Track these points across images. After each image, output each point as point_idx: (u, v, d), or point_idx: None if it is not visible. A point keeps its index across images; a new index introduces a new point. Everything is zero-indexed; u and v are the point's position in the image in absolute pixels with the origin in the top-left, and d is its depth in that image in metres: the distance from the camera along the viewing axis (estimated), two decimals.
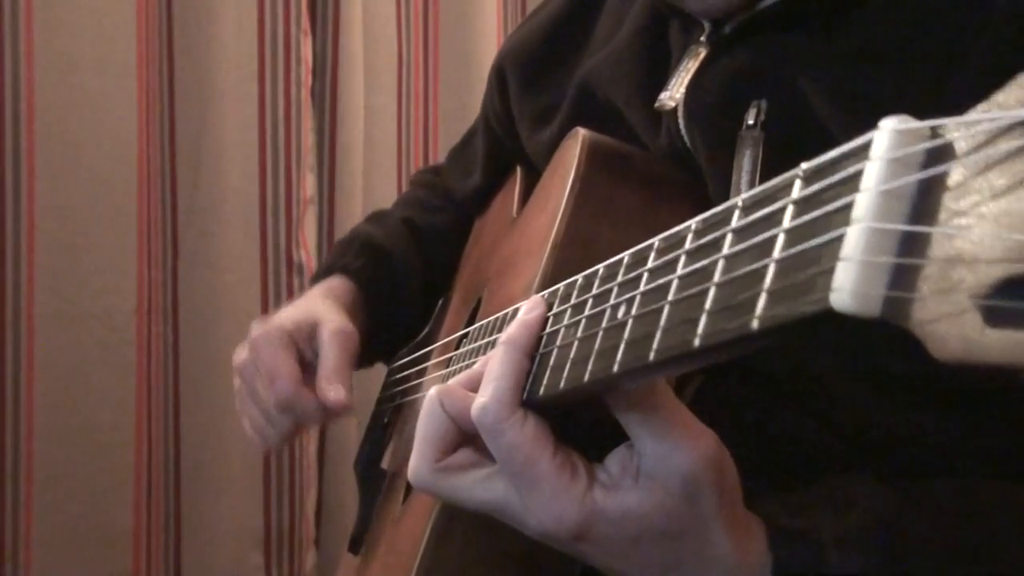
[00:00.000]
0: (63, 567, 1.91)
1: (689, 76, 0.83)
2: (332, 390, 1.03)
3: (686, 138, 0.84)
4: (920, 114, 0.69)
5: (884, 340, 0.33)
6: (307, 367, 1.07)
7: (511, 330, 0.65)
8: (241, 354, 1.09)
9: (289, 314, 1.10)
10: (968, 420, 0.71)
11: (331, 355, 1.05)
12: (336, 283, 1.19)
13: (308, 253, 2.10)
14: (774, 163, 0.76)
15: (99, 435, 1.94)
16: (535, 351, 0.64)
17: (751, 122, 0.78)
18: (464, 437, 0.67)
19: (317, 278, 1.21)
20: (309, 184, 2.12)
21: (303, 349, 1.07)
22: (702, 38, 0.84)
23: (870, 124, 0.72)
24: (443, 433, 0.66)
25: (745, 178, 0.78)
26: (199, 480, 2.03)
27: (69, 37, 1.90)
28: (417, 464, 0.67)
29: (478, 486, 0.65)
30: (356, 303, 1.18)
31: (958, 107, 0.68)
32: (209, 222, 2.03)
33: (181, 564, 2.04)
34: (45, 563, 1.90)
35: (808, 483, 0.70)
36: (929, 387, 0.70)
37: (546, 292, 0.68)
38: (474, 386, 0.66)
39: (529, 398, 0.62)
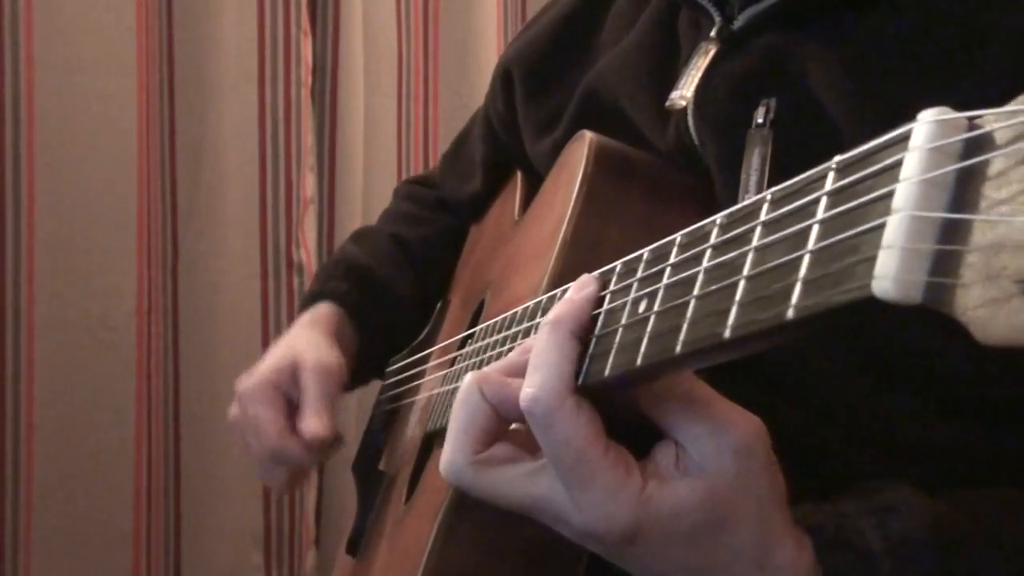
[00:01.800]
0: (63, 567, 1.91)
1: (699, 74, 0.83)
2: (307, 427, 1.03)
3: (695, 137, 0.84)
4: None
5: (920, 332, 0.33)
6: (295, 411, 1.07)
7: (559, 310, 0.60)
8: (233, 411, 1.10)
9: (271, 361, 1.10)
10: (989, 429, 0.70)
11: (310, 394, 1.06)
12: (322, 311, 1.19)
13: (308, 253, 2.10)
14: (783, 162, 0.76)
15: (99, 435, 1.93)
16: (585, 334, 0.59)
17: (760, 120, 0.78)
18: (502, 428, 0.62)
19: (304, 305, 1.22)
20: (309, 184, 2.12)
21: (288, 392, 1.07)
22: (712, 34, 0.84)
23: (880, 122, 0.71)
24: (483, 423, 0.61)
25: (754, 177, 0.78)
26: (199, 480, 2.03)
27: (69, 38, 1.90)
28: (453, 457, 0.62)
29: (521, 482, 0.61)
30: (343, 327, 1.18)
31: (967, 106, 0.68)
32: (209, 222, 2.03)
33: (181, 564, 2.04)
34: (45, 563, 1.90)
35: (824, 488, 0.67)
36: (947, 394, 0.69)
37: (596, 273, 0.64)
38: (513, 372, 0.62)
39: (582, 385, 0.58)
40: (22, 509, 1.88)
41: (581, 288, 0.61)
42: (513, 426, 0.63)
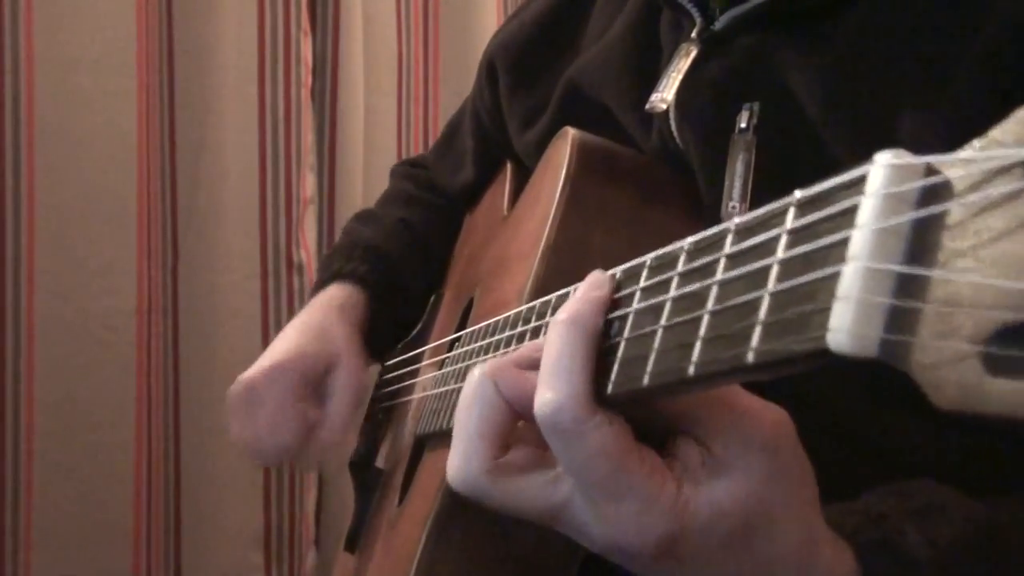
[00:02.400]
0: (63, 567, 1.91)
1: (680, 76, 0.82)
2: (328, 456, 1.02)
3: (678, 139, 0.84)
4: (911, 119, 0.69)
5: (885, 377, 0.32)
6: (314, 401, 1.06)
7: (575, 308, 0.53)
8: (253, 375, 1.05)
9: (304, 345, 1.06)
10: (989, 442, 0.69)
11: (339, 412, 1.04)
12: (347, 293, 1.16)
13: (308, 253, 2.10)
14: (767, 167, 0.76)
15: (99, 435, 1.94)
16: (601, 336, 0.53)
17: (743, 125, 0.77)
18: (515, 427, 0.56)
19: (323, 282, 1.19)
20: (309, 184, 2.12)
21: (315, 383, 1.05)
22: (692, 35, 0.83)
23: (859, 130, 0.71)
24: (500, 423, 0.55)
25: (738, 183, 0.77)
26: (199, 480, 2.03)
27: (69, 37, 1.89)
28: (466, 465, 0.55)
29: (544, 491, 0.54)
30: (364, 311, 1.17)
31: (950, 112, 0.68)
32: (209, 222, 2.02)
33: (181, 564, 2.04)
34: (45, 563, 1.90)
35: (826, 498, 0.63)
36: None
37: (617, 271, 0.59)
38: (524, 366, 0.55)
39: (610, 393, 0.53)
40: (22, 509, 1.88)
41: (597, 287, 0.55)
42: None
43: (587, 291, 0.54)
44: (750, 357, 0.38)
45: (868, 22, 0.74)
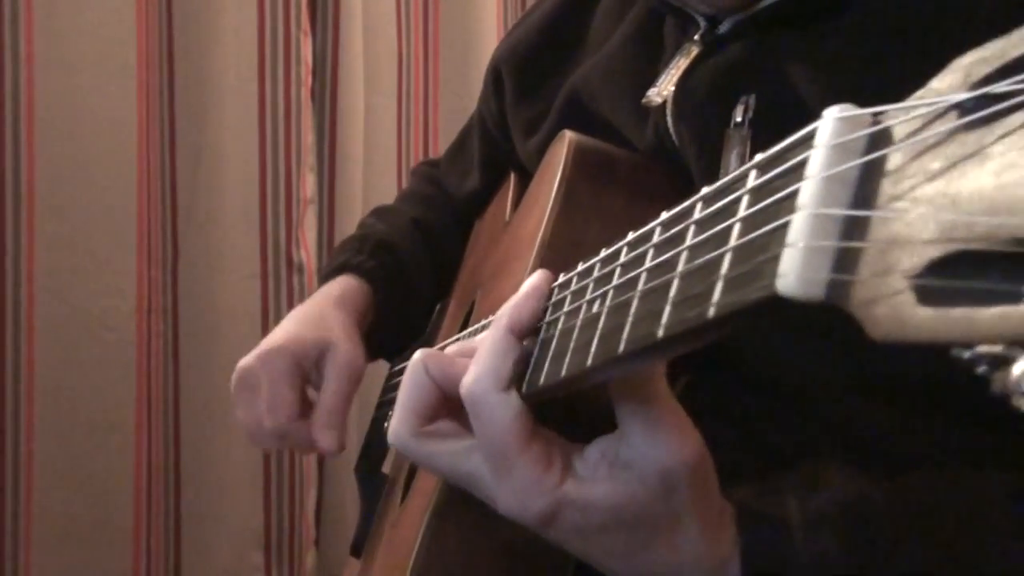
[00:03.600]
0: (63, 567, 1.92)
1: (679, 73, 0.83)
2: (324, 438, 1.02)
3: (674, 136, 0.84)
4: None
5: (831, 327, 0.33)
6: (310, 388, 1.06)
7: (504, 307, 0.63)
8: (248, 360, 1.06)
9: (297, 329, 1.08)
10: (954, 424, 0.70)
11: (333, 393, 1.04)
12: (349, 284, 1.16)
13: (308, 253, 2.10)
14: None
15: (99, 435, 1.94)
16: (526, 333, 0.62)
17: (739, 119, 0.78)
18: (448, 406, 0.66)
19: (329, 274, 1.19)
20: (309, 184, 2.12)
21: (308, 372, 1.05)
22: (696, 36, 0.84)
23: None
24: (425, 398, 0.66)
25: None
26: (199, 480, 2.04)
27: (69, 37, 1.90)
28: (397, 427, 0.67)
29: (455, 456, 0.65)
30: (367, 303, 1.16)
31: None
32: (209, 222, 2.03)
33: (181, 564, 2.04)
34: (45, 563, 1.90)
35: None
36: (911, 390, 0.69)
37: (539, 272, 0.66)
38: (466, 354, 0.65)
39: (527, 387, 0.61)
40: (22, 509, 1.88)
41: (530, 286, 0.64)
42: None
43: (521, 290, 0.64)
44: (711, 312, 0.39)
45: (865, 19, 0.75)
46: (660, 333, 0.45)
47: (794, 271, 0.33)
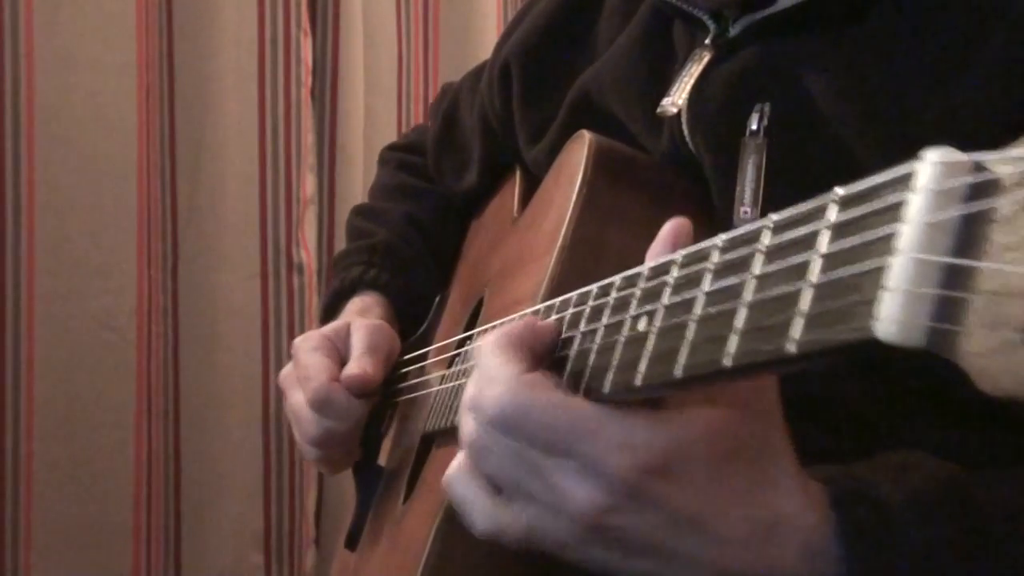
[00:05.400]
0: (63, 567, 1.91)
1: (692, 81, 0.83)
2: (347, 370, 1.03)
3: (690, 144, 0.84)
4: (928, 118, 0.69)
5: (926, 366, 0.33)
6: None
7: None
8: (286, 369, 1.10)
9: (329, 324, 1.12)
10: (998, 440, 0.69)
11: (356, 344, 1.06)
12: (368, 300, 1.19)
13: (308, 253, 2.10)
14: (778, 170, 0.77)
15: (99, 435, 1.93)
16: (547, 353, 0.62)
17: (754, 127, 0.78)
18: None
19: (342, 290, 1.21)
20: (309, 184, 2.12)
21: (341, 351, 1.07)
22: (707, 41, 0.83)
23: (881, 125, 0.72)
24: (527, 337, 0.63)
25: (749, 186, 0.78)
26: (199, 480, 2.03)
27: (69, 37, 1.89)
28: (501, 373, 0.60)
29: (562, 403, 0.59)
30: (390, 316, 1.18)
31: (965, 112, 0.69)
32: (209, 222, 2.02)
33: (181, 564, 2.04)
34: (45, 563, 1.90)
35: None
36: (952, 406, 0.68)
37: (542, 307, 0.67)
38: None
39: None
40: (22, 509, 1.88)
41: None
42: None
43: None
44: (791, 347, 0.39)
45: (884, 25, 0.74)
46: (727, 363, 0.45)
47: (894, 316, 0.33)
